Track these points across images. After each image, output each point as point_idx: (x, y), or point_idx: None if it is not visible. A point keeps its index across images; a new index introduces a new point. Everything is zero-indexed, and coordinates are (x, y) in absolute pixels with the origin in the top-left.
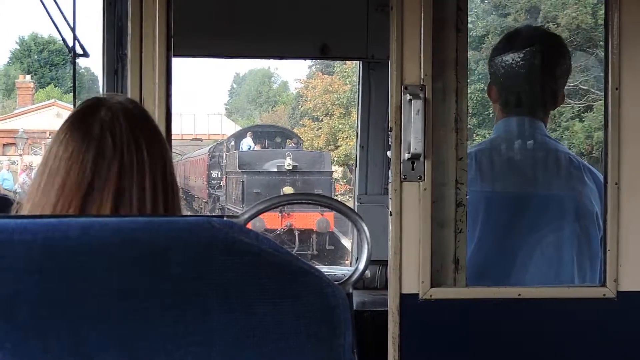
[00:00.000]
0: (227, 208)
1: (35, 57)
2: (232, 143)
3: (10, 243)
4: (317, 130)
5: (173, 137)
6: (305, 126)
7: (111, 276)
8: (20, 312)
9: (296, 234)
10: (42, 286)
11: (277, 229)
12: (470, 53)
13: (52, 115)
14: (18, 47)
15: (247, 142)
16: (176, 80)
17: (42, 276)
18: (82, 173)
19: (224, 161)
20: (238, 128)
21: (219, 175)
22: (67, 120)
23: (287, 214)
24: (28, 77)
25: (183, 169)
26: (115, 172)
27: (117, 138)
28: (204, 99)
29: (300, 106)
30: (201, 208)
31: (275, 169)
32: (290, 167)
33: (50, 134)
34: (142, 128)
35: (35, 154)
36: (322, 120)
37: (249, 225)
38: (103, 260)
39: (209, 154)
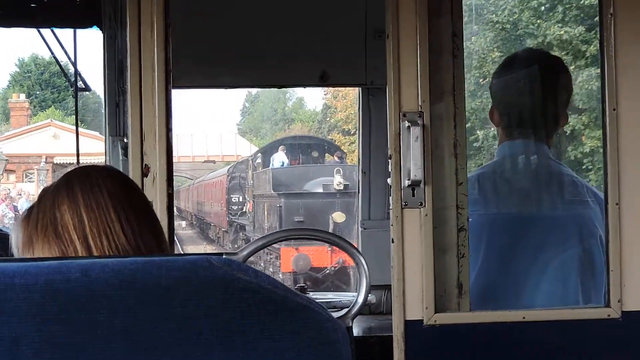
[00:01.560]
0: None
1: (36, 79)
2: (259, 160)
3: (11, 287)
4: (350, 145)
5: (183, 159)
6: (335, 141)
7: (113, 317)
8: (23, 356)
9: (351, 272)
10: (44, 329)
11: (325, 268)
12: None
13: (48, 136)
14: (18, 70)
15: (280, 158)
16: (186, 99)
17: (43, 319)
18: (127, 208)
19: (249, 182)
20: (254, 148)
21: (241, 200)
22: (72, 174)
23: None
24: (22, 96)
25: (196, 194)
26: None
27: (133, 183)
28: (216, 119)
29: (328, 118)
30: (219, 237)
31: (321, 190)
32: (342, 187)
33: (47, 158)
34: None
35: (30, 181)
36: (354, 134)
37: (289, 260)
38: (104, 302)
39: (227, 176)
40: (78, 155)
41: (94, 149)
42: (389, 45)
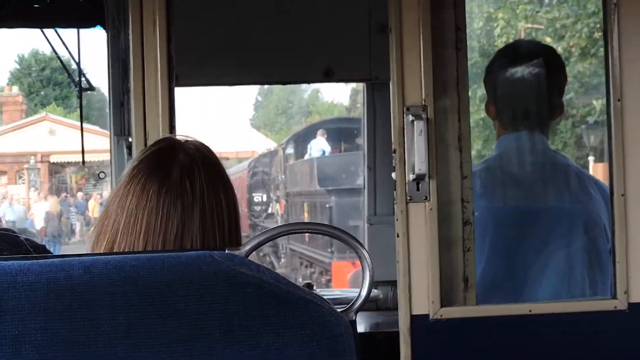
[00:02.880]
0: (297, 251)
1: (36, 75)
2: (292, 150)
3: (14, 285)
4: None
5: None
6: None
7: (116, 314)
8: (26, 354)
9: None
10: (47, 327)
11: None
12: None
13: (43, 131)
14: (18, 67)
15: (319, 145)
16: (196, 94)
17: (46, 317)
18: (164, 218)
19: (279, 178)
20: (270, 143)
21: (265, 199)
22: (141, 160)
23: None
24: (15, 88)
25: None
26: (198, 219)
27: (196, 185)
28: (228, 113)
29: (359, 104)
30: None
31: None
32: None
33: (42, 157)
34: (220, 175)
35: (24, 183)
36: None
37: (343, 277)
38: (107, 298)
39: (248, 171)
40: (83, 156)
41: (97, 145)
42: (392, 40)
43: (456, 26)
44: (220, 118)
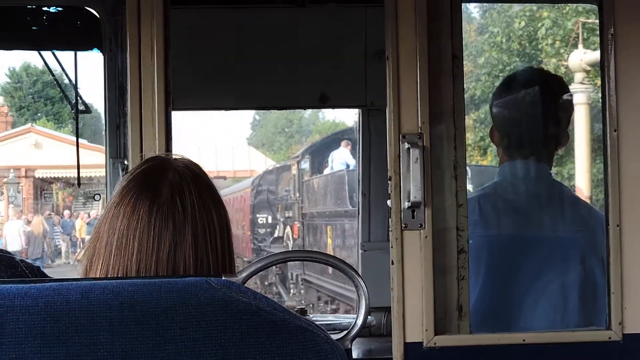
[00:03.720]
0: (315, 283)
1: (27, 89)
2: (306, 163)
3: (11, 309)
4: None
5: None
6: None
7: (113, 339)
8: None
9: None
10: (45, 351)
11: None
12: None
13: (28, 145)
14: (9, 80)
15: (342, 157)
16: (193, 113)
17: (43, 341)
18: (156, 238)
19: (291, 196)
20: (270, 162)
21: (270, 221)
22: (131, 179)
23: None
24: (0, 99)
25: None
26: (190, 237)
27: (187, 203)
28: (225, 132)
29: None
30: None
31: None
32: None
33: (27, 172)
34: (211, 193)
35: (2, 199)
36: None
37: None
38: (104, 323)
39: (252, 189)
40: (79, 179)
41: (87, 160)
42: (388, 67)
43: (453, 54)
44: (218, 137)
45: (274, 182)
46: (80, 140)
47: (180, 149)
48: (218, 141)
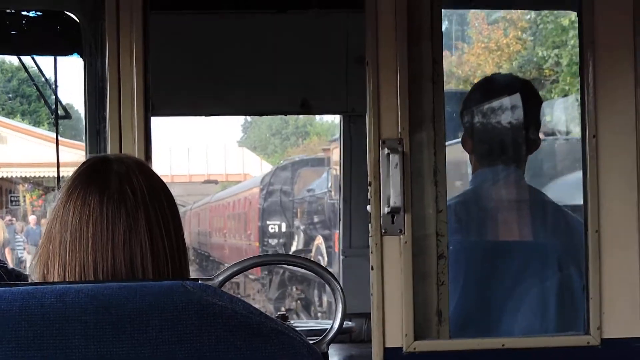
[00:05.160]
0: None
1: (2, 86)
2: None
3: None
4: None
5: (178, 179)
6: None
7: (88, 342)
8: None
9: None
10: (18, 354)
11: None
12: None
13: None
14: None
15: None
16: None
17: (18, 344)
18: (110, 226)
19: (328, 197)
20: (265, 165)
21: (285, 230)
22: (75, 177)
23: None
24: None
25: (197, 220)
26: (144, 222)
27: (137, 190)
28: (215, 135)
29: None
30: (250, 294)
31: None
32: None
33: None
34: (158, 182)
35: None
36: None
37: None
38: (79, 327)
39: (261, 189)
40: (59, 179)
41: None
42: (368, 73)
43: (433, 59)
44: (209, 139)
45: (288, 180)
46: (51, 133)
47: (167, 151)
48: (209, 143)
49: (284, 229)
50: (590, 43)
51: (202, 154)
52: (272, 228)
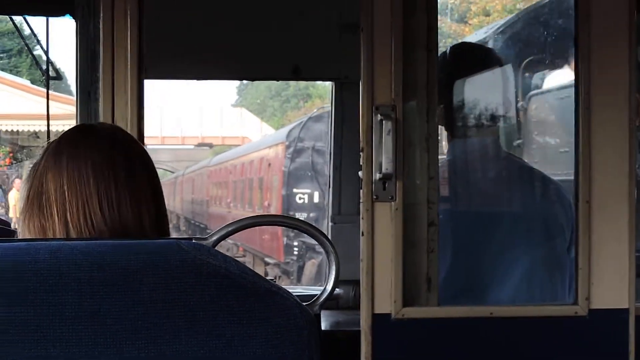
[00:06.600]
0: None
1: None
2: None
3: None
4: None
5: (169, 141)
6: None
7: (81, 299)
8: None
9: None
10: (10, 310)
11: None
12: None
13: None
14: None
15: None
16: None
17: (9, 300)
18: (111, 165)
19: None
20: (267, 128)
21: (318, 200)
22: (61, 136)
23: None
24: None
25: (191, 186)
26: (141, 168)
27: (128, 141)
28: (211, 95)
29: None
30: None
31: None
32: None
33: None
34: (139, 145)
35: None
36: None
37: None
38: (73, 284)
39: (287, 145)
40: (49, 132)
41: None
42: (363, 39)
43: (428, 26)
44: (203, 101)
45: (323, 135)
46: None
47: (159, 113)
48: (203, 105)
49: (316, 199)
50: (586, 13)
51: (195, 114)
52: (300, 198)
